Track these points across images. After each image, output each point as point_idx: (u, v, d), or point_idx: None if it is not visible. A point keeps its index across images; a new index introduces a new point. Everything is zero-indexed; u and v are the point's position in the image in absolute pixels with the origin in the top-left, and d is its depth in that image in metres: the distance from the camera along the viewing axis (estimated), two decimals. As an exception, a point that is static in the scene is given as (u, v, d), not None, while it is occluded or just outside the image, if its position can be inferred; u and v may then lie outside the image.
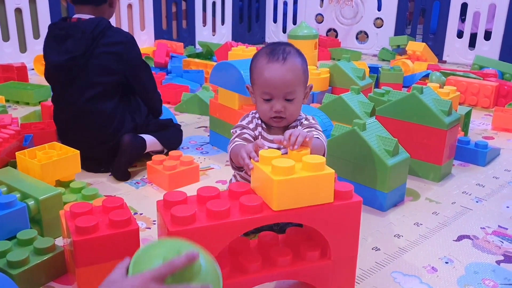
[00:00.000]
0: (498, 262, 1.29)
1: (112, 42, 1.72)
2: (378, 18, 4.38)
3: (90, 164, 1.78)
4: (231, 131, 1.29)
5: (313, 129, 1.22)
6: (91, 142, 1.75)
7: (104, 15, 1.79)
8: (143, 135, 1.82)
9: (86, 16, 1.75)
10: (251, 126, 1.27)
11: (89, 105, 1.73)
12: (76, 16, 1.77)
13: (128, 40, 1.76)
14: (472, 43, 3.96)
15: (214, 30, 4.63)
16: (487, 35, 3.87)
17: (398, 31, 4.25)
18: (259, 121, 1.28)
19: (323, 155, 1.16)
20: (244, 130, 1.26)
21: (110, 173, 1.77)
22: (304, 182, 0.96)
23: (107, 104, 1.74)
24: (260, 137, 1.27)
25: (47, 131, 1.88)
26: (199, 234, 0.92)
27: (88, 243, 1.02)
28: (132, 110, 1.84)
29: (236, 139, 1.23)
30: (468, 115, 2.16)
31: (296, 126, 1.25)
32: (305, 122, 1.24)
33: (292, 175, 0.96)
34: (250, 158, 1.05)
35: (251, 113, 1.31)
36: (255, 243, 1.11)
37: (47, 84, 2.77)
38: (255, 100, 1.25)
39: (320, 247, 1.07)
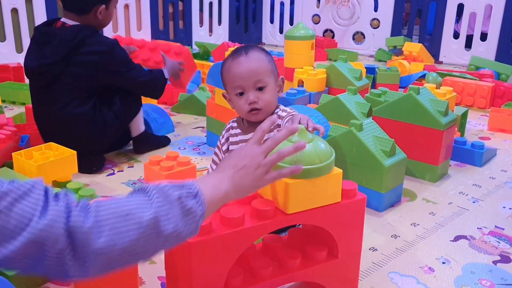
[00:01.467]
0: (495, 262, 1.29)
1: (91, 51, 1.71)
2: (374, 18, 4.39)
3: (81, 166, 1.74)
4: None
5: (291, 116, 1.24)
6: (75, 145, 1.71)
7: (90, 23, 1.77)
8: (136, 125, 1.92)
9: (71, 22, 1.75)
10: (222, 140, 1.34)
11: (67, 110, 1.73)
12: (62, 20, 1.77)
13: (108, 50, 1.73)
14: (468, 44, 3.97)
15: (211, 30, 4.63)
16: (483, 36, 3.89)
17: (395, 31, 4.26)
18: (234, 129, 1.32)
19: None
20: (215, 152, 1.37)
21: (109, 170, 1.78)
22: (315, 183, 0.96)
23: (83, 108, 1.74)
24: (228, 146, 1.33)
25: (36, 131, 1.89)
26: (218, 243, 0.91)
27: None
28: (111, 103, 1.83)
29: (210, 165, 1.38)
30: (464, 115, 2.16)
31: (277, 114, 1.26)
32: (283, 114, 1.25)
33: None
34: None
35: (229, 122, 1.35)
36: (260, 247, 1.10)
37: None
38: (233, 104, 1.27)
39: (327, 246, 1.07)
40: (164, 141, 2.10)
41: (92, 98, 1.77)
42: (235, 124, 1.33)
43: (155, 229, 0.69)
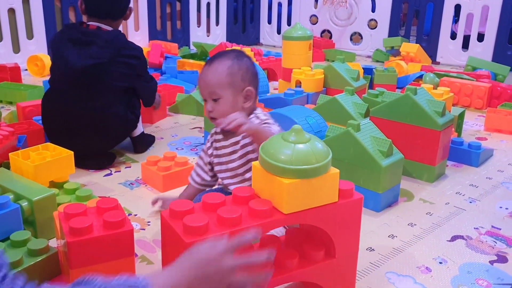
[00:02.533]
0: (492, 262, 1.29)
1: (130, 54, 1.85)
2: (372, 19, 4.39)
3: (92, 163, 1.83)
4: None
5: (264, 124, 1.27)
6: (103, 143, 1.87)
7: (117, 27, 1.93)
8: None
9: (104, 26, 1.85)
10: (208, 145, 1.41)
11: (105, 109, 1.80)
12: (94, 23, 1.85)
13: (141, 55, 1.92)
14: (465, 45, 3.99)
15: (208, 30, 4.63)
16: (480, 37, 3.90)
17: (392, 32, 4.27)
18: (217, 134, 1.38)
19: None
20: (201, 155, 1.44)
21: (106, 169, 1.85)
22: (312, 183, 0.96)
23: (119, 108, 1.85)
24: (212, 156, 1.39)
25: (32, 130, 1.90)
26: None
27: (82, 244, 1.01)
28: (134, 106, 1.96)
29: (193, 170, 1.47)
30: (461, 116, 2.17)
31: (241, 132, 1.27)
32: (256, 121, 1.28)
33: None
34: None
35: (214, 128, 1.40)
36: (257, 247, 1.10)
37: (40, 84, 2.79)
38: None
39: (324, 246, 1.07)
40: (153, 139, 2.16)
41: (124, 99, 1.88)
42: (218, 130, 1.37)
43: None
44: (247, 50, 3.41)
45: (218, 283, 0.77)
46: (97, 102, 1.79)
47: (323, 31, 4.73)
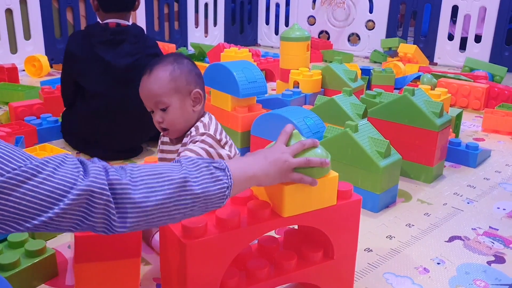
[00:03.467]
0: (489, 263, 1.29)
1: (153, 45, 1.96)
2: (369, 20, 4.40)
3: (122, 155, 1.92)
4: None
5: (186, 148, 1.20)
6: (140, 137, 1.96)
7: (129, 19, 1.95)
8: None
9: (122, 21, 1.89)
10: (159, 144, 1.37)
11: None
12: (112, 21, 1.87)
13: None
14: (462, 46, 3.99)
15: (206, 31, 4.63)
16: (478, 38, 3.91)
17: (390, 33, 4.28)
18: (163, 137, 1.34)
19: None
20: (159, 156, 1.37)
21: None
22: (311, 187, 0.96)
23: None
24: (162, 153, 1.34)
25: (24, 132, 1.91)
26: (214, 244, 0.91)
27: (89, 240, 1.01)
28: None
29: None
30: (459, 116, 2.17)
31: (188, 134, 1.25)
32: (193, 133, 1.23)
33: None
34: None
35: None
36: (256, 248, 1.10)
37: (38, 85, 2.79)
38: None
39: (322, 247, 1.07)
40: None
41: None
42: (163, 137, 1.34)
43: (185, 188, 0.76)
44: (245, 51, 3.41)
45: (283, 174, 0.90)
46: (136, 99, 1.78)
47: (321, 32, 4.73)
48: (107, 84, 1.83)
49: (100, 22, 1.90)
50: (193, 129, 1.25)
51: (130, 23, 1.92)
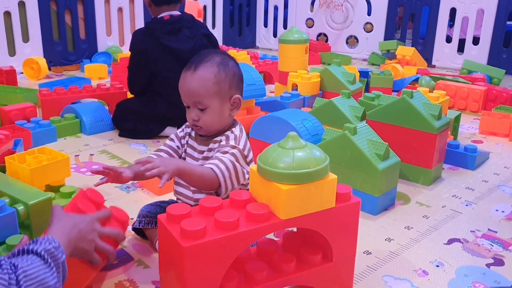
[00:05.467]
0: (488, 265, 1.30)
1: (204, 25, 2.29)
2: (368, 22, 4.41)
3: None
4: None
5: (218, 152, 1.19)
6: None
7: (178, 10, 2.21)
8: None
9: (174, 13, 2.16)
10: (181, 134, 1.31)
11: None
12: (164, 14, 2.14)
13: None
14: (460, 48, 4.00)
15: (204, 34, 4.63)
16: (475, 40, 3.92)
17: (388, 35, 4.28)
18: (189, 129, 1.30)
19: (210, 185, 1.14)
20: (167, 142, 1.31)
21: None
22: (309, 189, 0.96)
23: None
24: (186, 145, 1.29)
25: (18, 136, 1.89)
26: (213, 246, 0.91)
27: None
28: None
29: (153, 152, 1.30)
30: (457, 119, 2.18)
31: (218, 141, 1.22)
32: (223, 143, 1.21)
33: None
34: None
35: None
36: (255, 250, 1.10)
37: (36, 88, 2.78)
38: None
39: (321, 250, 1.07)
40: None
41: None
42: (189, 130, 1.31)
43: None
44: (244, 53, 3.41)
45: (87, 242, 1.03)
46: None
47: (319, 35, 4.74)
48: (177, 69, 1.89)
49: (153, 16, 2.19)
50: (223, 137, 1.22)
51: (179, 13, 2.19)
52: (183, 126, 1.32)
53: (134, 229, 1.34)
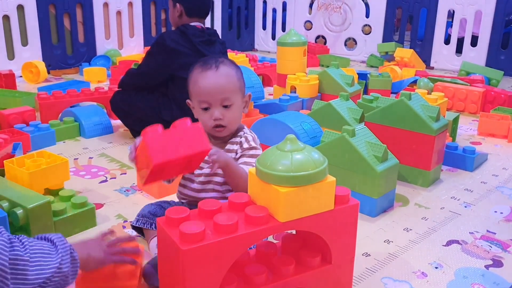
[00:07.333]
0: (487, 267, 1.30)
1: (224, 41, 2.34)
2: (366, 25, 4.42)
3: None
4: None
5: (245, 156, 1.22)
6: None
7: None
8: None
9: (203, 26, 2.19)
10: None
11: None
12: (196, 23, 2.16)
13: None
14: (459, 50, 4.01)
15: (203, 37, 4.63)
16: (474, 42, 3.92)
17: (386, 37, 4.29)
18: None
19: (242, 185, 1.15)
20: None
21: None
22: (308, 191, 0.96)
23: None
24: None
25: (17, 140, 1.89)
26: (211, 250, 0.91)
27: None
28: None
29: None
30: (455, 120, 2.18)
31: (238, 143, 1.24)
32: (245, 145, 1.23)
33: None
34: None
35: None
36: (254, 253, 1.10)
37: (35, 91, 2.78)
38: (196, 114, 1.26)
39: (320, 252, 1.07)
40: None
41: None
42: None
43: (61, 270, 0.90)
44: (242, 56, 3.42)
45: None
46: None
47: (318, 37, 4.75)
48: None
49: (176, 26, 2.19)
50: (243, 139, 1.23)
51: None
52: None
53: (133, 227, 1.34)
